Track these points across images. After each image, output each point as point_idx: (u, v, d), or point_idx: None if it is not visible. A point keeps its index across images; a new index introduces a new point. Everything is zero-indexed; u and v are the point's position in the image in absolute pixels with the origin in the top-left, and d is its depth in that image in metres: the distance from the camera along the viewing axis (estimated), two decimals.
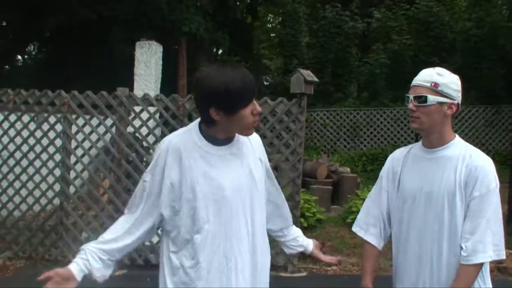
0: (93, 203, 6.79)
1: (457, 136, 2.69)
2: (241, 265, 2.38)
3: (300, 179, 6.75)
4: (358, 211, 10.20)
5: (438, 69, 2.60)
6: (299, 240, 2.84)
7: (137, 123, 6.68)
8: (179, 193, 2.31)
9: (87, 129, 6.76)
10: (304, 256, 6.82)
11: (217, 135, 2.36)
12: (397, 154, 2.84)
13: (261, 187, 2.48)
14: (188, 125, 2.48)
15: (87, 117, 6.81)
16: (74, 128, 6.79)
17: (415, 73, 2.66)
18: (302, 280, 6.53)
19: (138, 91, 7.64)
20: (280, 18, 27.06)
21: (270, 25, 33.61)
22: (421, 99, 2.54)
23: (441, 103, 2.54)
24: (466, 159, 2.58)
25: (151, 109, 6.66)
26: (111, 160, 6.70)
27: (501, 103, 16.73)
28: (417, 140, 17.95)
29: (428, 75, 2.57)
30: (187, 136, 2.37)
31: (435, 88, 2.53)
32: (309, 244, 2.86)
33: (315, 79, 6.67)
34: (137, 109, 6.71)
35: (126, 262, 6.42)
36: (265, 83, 23.97)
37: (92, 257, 2.30)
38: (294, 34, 20.63)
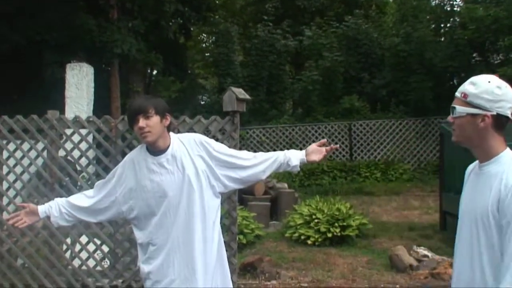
0: (28, 229, 6.64)
1: (507, 149, 2.37)
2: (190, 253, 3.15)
3: (236, 195, 6.78)
4: (296, 226, 10.29)
5: (475, 78, 2.36)
6: (290, 164, 3.37)
7: (69, 146, 6.60)
8: (134, 194, 3.20)
9: (18, 154, 6.64)
10: (243, 271, 6.88)
11: (149, 147, 3.19)
12: (469, 167, 2.57)
13: (195, 181, 3.17)
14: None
15: (18, 141, 6.69)
16: (5, 154, 6.66)
17: (346, 89, 2.69)
18: None
19: (69, 114, 7.52)
20: (214, 38, 27.22)
21: (204, 45, 33.73)
22: (453, 111, 2.39)
23: (473, 115, 2.31)
24: (504, 176, 2.26)
25: (83, 131, 6.59)
26: (44, 184, 6.59)
27: (430, 115, 17.27)
28: (351, 155, 18.22)
29: (463, 85, 2.38)
30: (139, 151, 3.26)
31: (464, 99, 2.33)
32: (302, 159, 3.38)
33: (247, 96, 6.76)
34: (69, 132, 6.63)
35: (63, 287, 6.33)
36: (202, 102, 23.93)
37: (55, 207, 3.39)
38: (227, 53, 20.81)
